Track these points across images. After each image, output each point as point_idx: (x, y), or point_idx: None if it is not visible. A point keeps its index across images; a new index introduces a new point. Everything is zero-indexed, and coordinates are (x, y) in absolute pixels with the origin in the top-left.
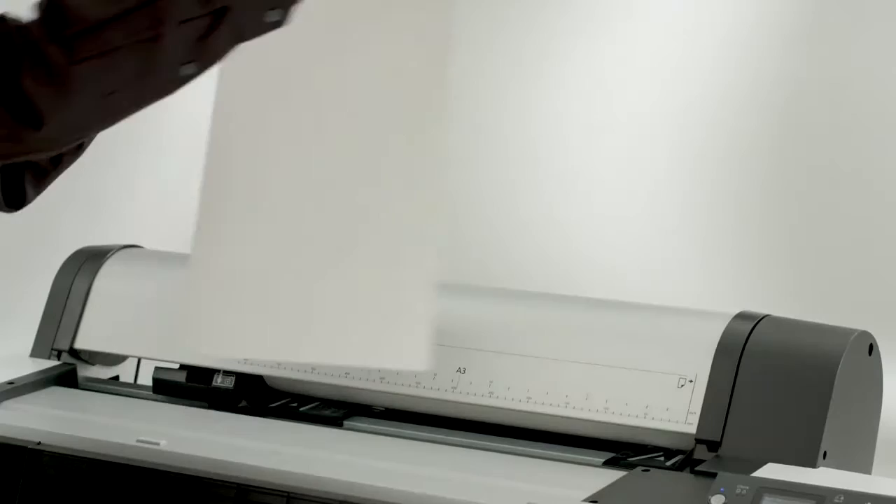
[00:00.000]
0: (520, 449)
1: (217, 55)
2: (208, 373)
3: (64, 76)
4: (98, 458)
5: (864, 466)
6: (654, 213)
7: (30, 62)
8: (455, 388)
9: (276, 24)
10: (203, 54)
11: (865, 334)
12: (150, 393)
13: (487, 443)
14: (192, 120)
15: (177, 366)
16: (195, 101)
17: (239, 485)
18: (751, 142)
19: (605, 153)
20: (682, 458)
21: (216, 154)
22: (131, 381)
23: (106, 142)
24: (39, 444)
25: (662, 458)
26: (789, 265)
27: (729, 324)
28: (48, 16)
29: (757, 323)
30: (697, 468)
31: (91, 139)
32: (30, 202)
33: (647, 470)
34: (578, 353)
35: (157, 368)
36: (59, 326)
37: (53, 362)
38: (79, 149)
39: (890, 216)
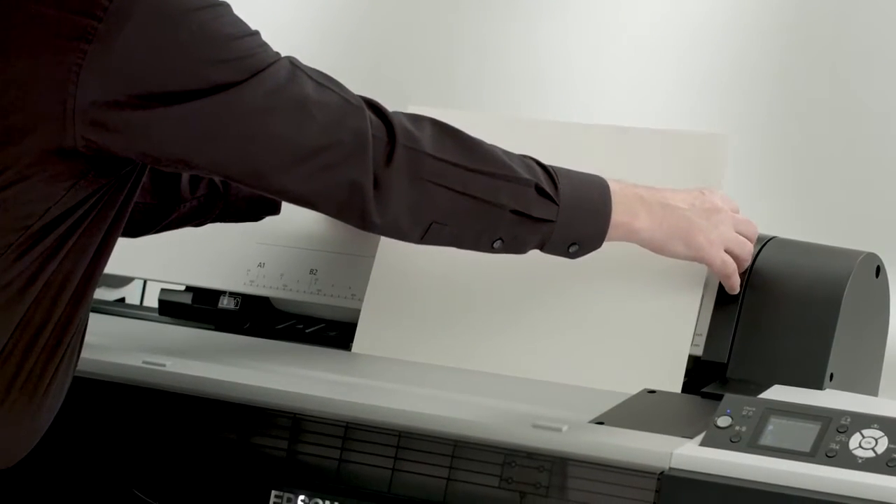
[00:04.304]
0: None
1: (520, 249)
2: (214, 294)
3: (421, 185)
4: (104, 379)
5: (871, 388)
6: None
7: (404, 156)
8: None
9: (572, 256)
10: (514, 242)
11: (873, 256)
12: (156, 315)
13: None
14: None
15: (182, 287)
16: None
17: (245, 406)
18: (755, 66)
19: (610, 77)
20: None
21: None
22: (137, 302)
23: None
24: None
25: None
26: (796, 187)
27: None
28: (441, 134)
29: (764, 245)
30: (704, 390)
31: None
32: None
33: (654, 392)
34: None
35: (162, 290)
36: None
37: None
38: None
39: None
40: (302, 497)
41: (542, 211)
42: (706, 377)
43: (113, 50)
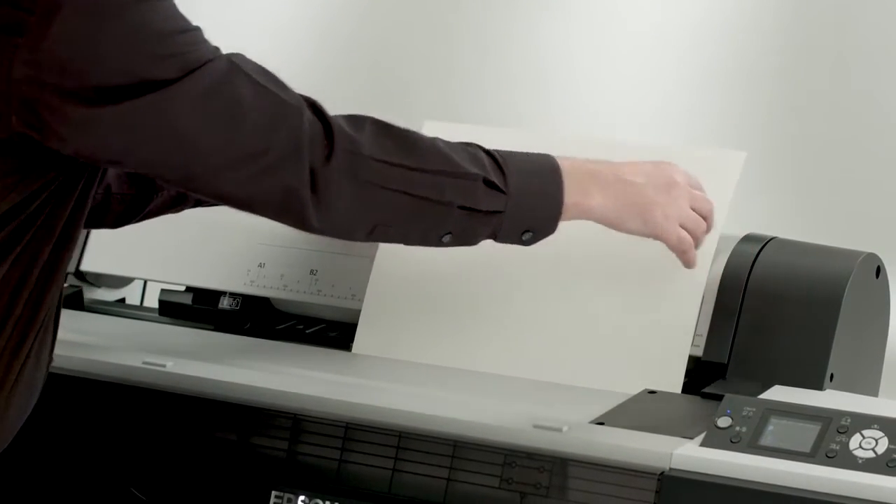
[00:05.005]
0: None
1: (471, 242)
2: (214, 295)
3: (363, 188)
4: (104, 379)
5: (871, 389)
6: (659, 135)
7: (343, 158)
8: None
9: (526, 243)
10: (463, 235)
11: (873, 256)
12: (157, 315)
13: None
14: None
15: (183, 288)
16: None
17: (245, 406)
18: (755, 66)
19: (611, 77)
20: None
21: None
22: (137, 303)
23: None
24: None
25: None
26: (796, 187)
27: (735, 246)
28: (381, 135)
29: (764, 245)
30: (704, 390)
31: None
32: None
33: (654, 392)
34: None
35: (163, 290)
36: None
37: None
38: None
39: None
40: (302, 497)
41: (491, 203)
42: (706, 377)
43: (44, 44)
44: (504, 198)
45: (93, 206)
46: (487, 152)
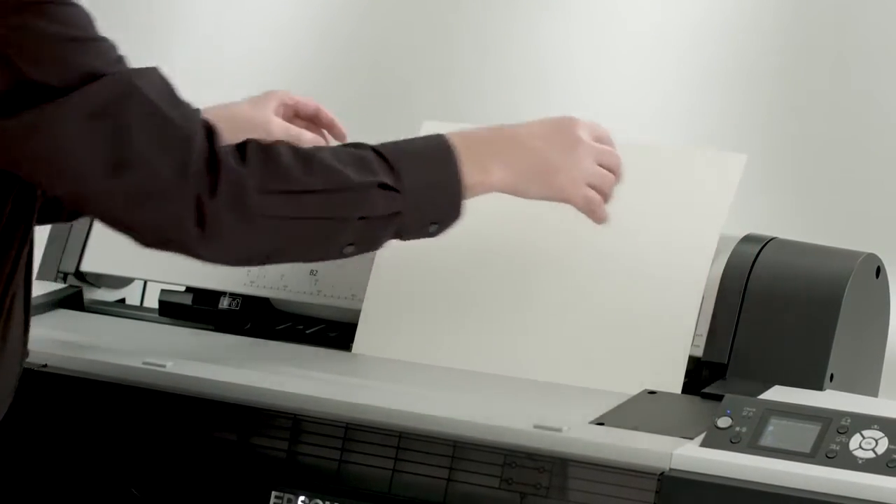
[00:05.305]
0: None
1: (375, 245)
2: (214, 295)
3: (252, 222)
4: (104, 380)
5: (871, 389)
6: (659, 135)
7: (228, 192)
8: None
9: (433, 235)
10: (366, 241)
11: (873, 257)
12: (156, 315)
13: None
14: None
15: (183, 288)
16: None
17: (245, 406)
18: (755, 65)
19: (611, 77)
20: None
21: None
22: (137, 303)
23: None
24: (45, 366)
25: None
26: (796, 187)
27: (735, 247)
28: (265, 165)
29: (764, 246)
30: (704, 390)
31: None
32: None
33: (654, 392)
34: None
35: (163, 291)
36: (64, 249)
37: (59, 285)
38: None
39: None
40: (302, 498)
41: (388, 206)
42: (706, 377)
43: None
44: (400, 198)
45: (48, 199)
46: (376, 152)
